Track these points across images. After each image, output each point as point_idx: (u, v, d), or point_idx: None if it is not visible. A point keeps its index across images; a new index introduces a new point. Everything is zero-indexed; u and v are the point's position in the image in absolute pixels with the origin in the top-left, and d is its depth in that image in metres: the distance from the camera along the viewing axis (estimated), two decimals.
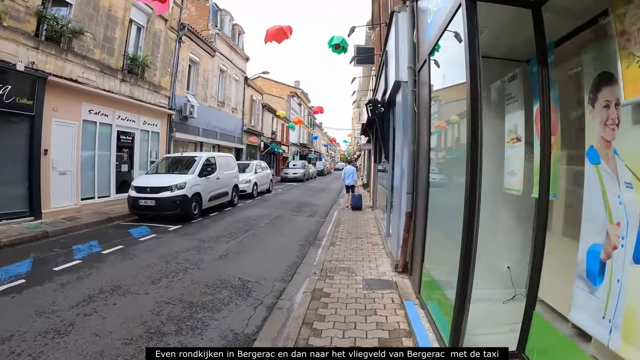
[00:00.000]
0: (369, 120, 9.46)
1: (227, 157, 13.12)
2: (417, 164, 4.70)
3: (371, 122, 10.16)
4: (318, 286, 4.98)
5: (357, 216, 10.84)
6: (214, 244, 7.48)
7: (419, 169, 4.67)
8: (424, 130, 4.42)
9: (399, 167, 5.54)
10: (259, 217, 10.64)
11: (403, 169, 5.17)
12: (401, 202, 5.30)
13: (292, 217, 10.94)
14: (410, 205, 5.07)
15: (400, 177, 5.39)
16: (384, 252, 6.60)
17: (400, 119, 5.47)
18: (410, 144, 5.03)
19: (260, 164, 17.53)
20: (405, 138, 5.15)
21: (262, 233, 8.65)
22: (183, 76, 17.03)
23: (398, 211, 5.45)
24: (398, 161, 5.59)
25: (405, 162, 5.11)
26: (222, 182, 11.87)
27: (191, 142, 17.68)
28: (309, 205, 13.73)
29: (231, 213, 11.32)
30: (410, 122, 5.06)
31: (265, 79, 42.92)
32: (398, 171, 5.54)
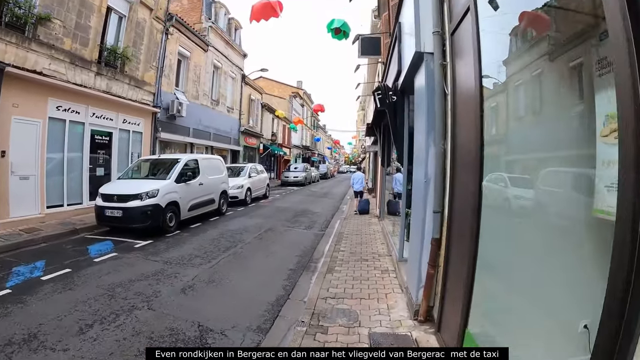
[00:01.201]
0: (376, 117, 7.91)
1: (213, 159, 11.63)
2: (452, 169, 3.15)
3: (378, 120, 8.63)
4: (305, 343, 3.45)
5: (361, 228, 9.28)
6: (181, 269, 5.97)
7: (456, 177, 3.12)
8: (465, 120, 2.87)
9: (419, 173, 3.99)
10: (247, 230, 9.11)
11: (428, 177, 3.62)
12: (424, 223, 3.75)
13: (286, 229, 9.40)
14: (438, 229, 3.51)
15: (421, 188, 3.84)
16: (397, 284, 5.04)
17: (422, 108, 3.92)
18: (439, 141, 3.49)
19: (256, 167, 16.03)
20: (431, 133, 3.60)
21: (246, 252, 7.12)
22: (171, 71, 15.62)
23: (419, 234, 3.89)
24: (418, 165, 4.03)
25: (431, 166, 3.56)
26: (207, 188, 10.36)
27: (180, 143, 16.23)
28: (307, 213, 12.19)
29: (216, 224, 9.80)
30: (438, 110, 3.51)
31: (267, 79, 41.71)
32: (419, 178, 3.98)
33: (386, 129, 8.84)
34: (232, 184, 13.33)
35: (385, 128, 8.85)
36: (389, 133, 8.64)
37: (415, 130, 4.28)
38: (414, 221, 4.16)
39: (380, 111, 6.57)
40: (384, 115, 6.73)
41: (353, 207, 14.17)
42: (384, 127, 8.79)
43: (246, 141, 23.70)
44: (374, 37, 12.50)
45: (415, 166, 4.15)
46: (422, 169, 3.83)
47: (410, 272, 4.34)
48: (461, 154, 2.95)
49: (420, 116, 4.03)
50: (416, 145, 4.22)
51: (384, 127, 8.85)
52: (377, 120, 8.29)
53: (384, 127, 8.86)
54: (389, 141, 8.61)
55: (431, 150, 3.58)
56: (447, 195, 3.42)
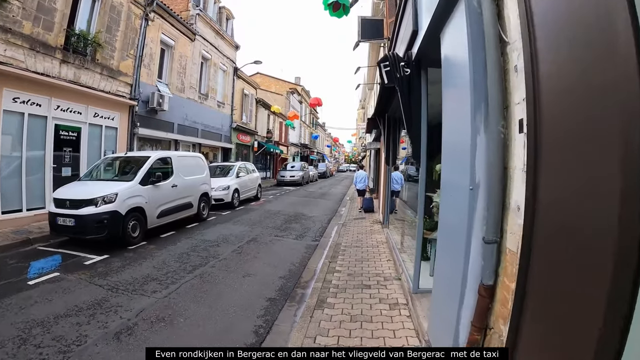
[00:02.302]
0: (381, 102, 6.44)
1: (191, 157, 10.17)
2: (535, 160, 1.70)
3: (383, 108, 7.17)
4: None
5: (362, 237, 7.84)
6: (127, 298, 4.58)
7: (539, 186, 1.67)
8: None
9: (453, 176, 2.54)
10: (226, 240, 7.68)
11: (476, 183, 2.16)
12: (464, 256, 2.29)
13: (273, 239, 7.96)
14: (492, 271, 2.08)
15: (458, 200, 2.39)
16: (411, 328, 3.60)
17: (459, 74, 2.48)
18: (496, 121, 2.05)
19: (246, 166, 14.58)
20: (480, 111, 2.16)
21: (217, 272, 5.68)
22: (152, 61, 14.16)
23: (454, 271, 2.45)
24: (451, 164, 2.58)
25: (481, 165, 2.12)
26: (183, 190, 8.92)
27: (163, 139, 14.78)
28: (301, 218, 10.74)
29: (191, 233, 8.36)
30: (494, 69, 2.07)
31: (264, 75, 40.36)
32: (452, 184, 2.54)
33: (391, 121, 7.40)
34: (217, 185, 11.90)
35: (390, 121, 7.41)
36: (394, 126, 7.21)
37: (444, 114, 2.83)
38: (445, 250, 2.72)
39: (386, 94, 5.17)
40: (390, 98, 5.31)
41: (353, 209, 12.79)
42: (389, 119, 7.36)
43: (239, 138, 22.24)
44: (375, 19, 11.09)
45: (446, 166, 2.71)
46: (458, 170, 2.39)
47: (436, 322, 2.90)
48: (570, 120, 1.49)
49: (454, 89, 2.60)
50: (446, 134, 2.77)
51: (388, 120, 7.41)
52: (382, 107, 6.83)
53: (389, 120, 7.41)
54: (395, 135, 7.18)
55: (481, 138, 2.14)
56: (511, 213, 1.99)
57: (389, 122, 7.32)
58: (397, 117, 7.24)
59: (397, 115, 7.19)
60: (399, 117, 7.26)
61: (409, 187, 8.43)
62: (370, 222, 9.75)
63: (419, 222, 3.98)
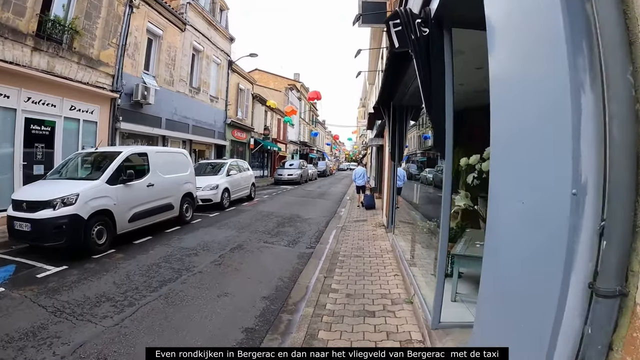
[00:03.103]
0: (388, 81, 5.41)
1: (172, 153, 9.15)
2: None
3: (387, 98, 6.16)
4: None
5: (364, 244, 6.85)
6: (70, 325, 3.68)
7: None
8: None
9: (525, 174, 1.54)
10: (206, 248, 6.69)
11: (582, 184, 1.14)
12: (549, 313, 1.29)
13: (262, 246, 6.96)
14: (604, 347, 1.06)
15: (539, 214, 1.37)
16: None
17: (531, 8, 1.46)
18: (620, 66, 1.03)
19: (238, 163, 13.57)
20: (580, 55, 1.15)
21: (188, 290, 4.70)
22: (137, 51, 13.17)
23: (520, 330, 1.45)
24: (517, 156, 1.57)
25: (590, 154, 1.12)
26: (161, 190, 7.93)
27: (149, 135, 13.79)
28: (296, 220, 9.75)
29: (169, 239, 7.37)
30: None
31: (262, 71, 39.42)
32: (530, 184, 1.51)
33: (397, 111, 6.39)
34: (205, 184, 10.91)
35: (396, 110, 6.40)
36: (401, 116, 6.21)
37: (497, 84, 1.81)
38: (501, 287, 1.70)
39: (392, 72, 4.18)
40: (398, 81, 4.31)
41: (354, 209, 11.82)
42: (394, 108, 6.35)
43: (234, 135, 21.23)
44: (378, 1, 10.09)
45: (504, 158, 1.70)
46: (535, 162, 1.39)
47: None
48: None
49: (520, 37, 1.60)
50: (502, 111, 1.76)
51: (394, 110, 6.40)
52: (387, 93, 5.79)
53: (395, 110, 6.40)
54: (402, 126, 6.18)
55: (587, 100, 1.14)
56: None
57: (394, 112, 6.32)
58: (405, 105, 6.25)
59: (404, 102, 6.20)
60: (406, 106, 6.27)
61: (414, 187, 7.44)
62: (373, 225, 8.75)
63: (442, 237, 2.98)
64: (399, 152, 6.20)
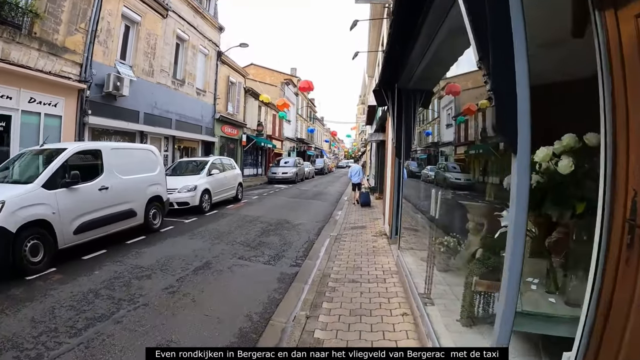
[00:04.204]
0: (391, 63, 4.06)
1: (135, 150, 7.77)
2: None
3: (391, 77, 4.81)
4: None
5: (362, 261, 5.53)
6: None
7: None
8: None
9: None
10: (166, 267, 5.37)
11: None
12: None
13: (235, 264, 5.63)
14: None
15: None
16: None
17: None
18: None
19: (222, 161, 12.20)
20: None
21: (119, 335, 3.38)
22: (110, 38, 11.83)
23: None
24: None
25: None
26: (119, 193, 6.60)
27: (125, 131, 12.43)
28: (283, 227, 8.43)
29: (125, 253, 6.05)
30: None
31: (258, 66, 38.07)
32: None
33: (404, 96, 5.05)
34: (181, 186, 9.59)
35: (402, 95, 5.06)
36: (408, 102, 4.89)
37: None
38: None
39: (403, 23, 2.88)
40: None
41: (351, 212, 10.51)
42: (399, 92, 5.00)
43: (224, 131, 19.87)
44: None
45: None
46: None
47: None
48: None
49: None
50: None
51: (399, 94, 5.04)
52: (393, 67, 4.41)
53: (400, 94, 5.05)
54: (410, 114, 4.85)
55: None
56: None
57: (399, 96, 4.98)
58: (412, 89, 4.92)
59: (411, 86, 4.88)
60: (413, 90, 4.94)
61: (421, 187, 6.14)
62: (373, 233, 7.43)
63: (507, 290, 1.67)
64: (406, 146, 4.87)
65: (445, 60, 3.69)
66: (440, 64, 3.85)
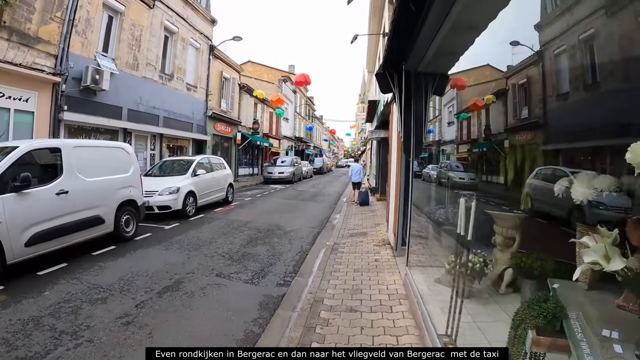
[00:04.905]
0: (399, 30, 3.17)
1: (104, 148, 6.83)
2: None
3: (400, 54, 3.90)
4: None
5: (362, 280, 4.66)
6: None
7: None
8: None
9: None
10: (129, 286, 4.48)
11: None
12: None
13: (210, 283, 4.74)
14: None
15: None
16: None
17: None
18: None
19: (210, 160, 11.28)
20: None
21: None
22: (90, 28, 10.96)
23: None
24: None
25: None
26: (82, 198, 5.71)
27: (106, 128, 11.54)
28: (274, 234, 7.54)
29: (87, 268, 5.16)
30: None
31: (255, 63, 37.23)
32: None
33: (412, 81, 4.16)
34: (163, 187, 8.70)
35: (410, 78, 4.17)
36: (419, 87, 4.02)
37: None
38: None
39: None
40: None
41: (350, 216, 9.63)
42: (407, 76, 4.10)
43: (216, 129, 18.95)
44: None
45: None
46: None
47: None
48: None
49: None
50: None
51: (407, 78, 4.14)
52: (402, 38, 3.48)
53: (409, 79, 4.15)
54: (422, 101, 3.97)
55: None
56: None
57: (408, 81, 4.09)
58: (424, 72, 4.04)
59: (422, 68, 3.99)
60: (425, 74, 4.06)
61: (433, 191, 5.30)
62: (374, 242, 6.55)
63: None
64: (416, 141, 3.98)
65: (470, 27, 2.81)
66: (461, 33, 2.97)
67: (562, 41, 2.11)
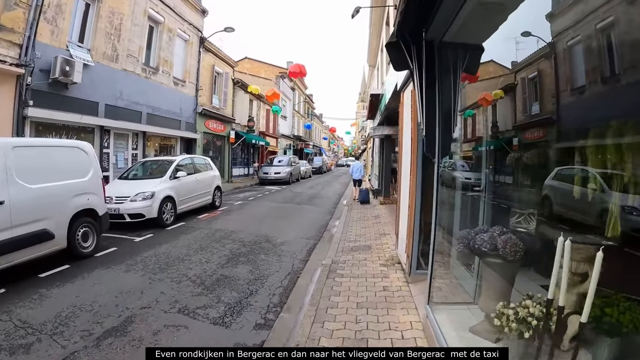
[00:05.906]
0: None
1: (54, 148, 5.65)
2: None
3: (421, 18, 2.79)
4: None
5: (368, 322, 3.58)
6: None
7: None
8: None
9: None
10: (60, 329, 3.37)
11: None
12: None
13: (168, 323, 3.63)
14: None
15: None
16: None
17: None
18: None
19: (194, 161, 10.12)
20: None
21: None
22: (61, 15, 9.85)
23: None
24: None
25: None
26: (23, 209, 4.59)
27: (79, 126, 10.41)
28: (260, 249, 6.43)
29: (23, 298, 4.04)
30: None
31: (252, 60, 36.18)
32: None
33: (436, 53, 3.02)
34: (135, 193, 7.59)
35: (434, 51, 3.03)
36: (447, 62, 2.92)
37: None
38: None
39: None
40: None
41: (351, 222, 8.53)
42: (428, 47, 2.97)
43: (207, 126, 17.81)
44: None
45: None
46: None
47: None
48: None
49: None
50: None
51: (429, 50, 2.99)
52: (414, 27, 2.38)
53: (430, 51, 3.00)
54: (451, 83, 2.87)
55: None
56: None
57: (430, 55, 2.95)
58: (452, 42, 2.95)
59: (450, 37, 2.89)
60: (453, 45, 2.96)
61: None
62: (381, 260, 5.44)
63: None
64: (442, 136, 2.84)
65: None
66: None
67: (577, 31, 2.03)
